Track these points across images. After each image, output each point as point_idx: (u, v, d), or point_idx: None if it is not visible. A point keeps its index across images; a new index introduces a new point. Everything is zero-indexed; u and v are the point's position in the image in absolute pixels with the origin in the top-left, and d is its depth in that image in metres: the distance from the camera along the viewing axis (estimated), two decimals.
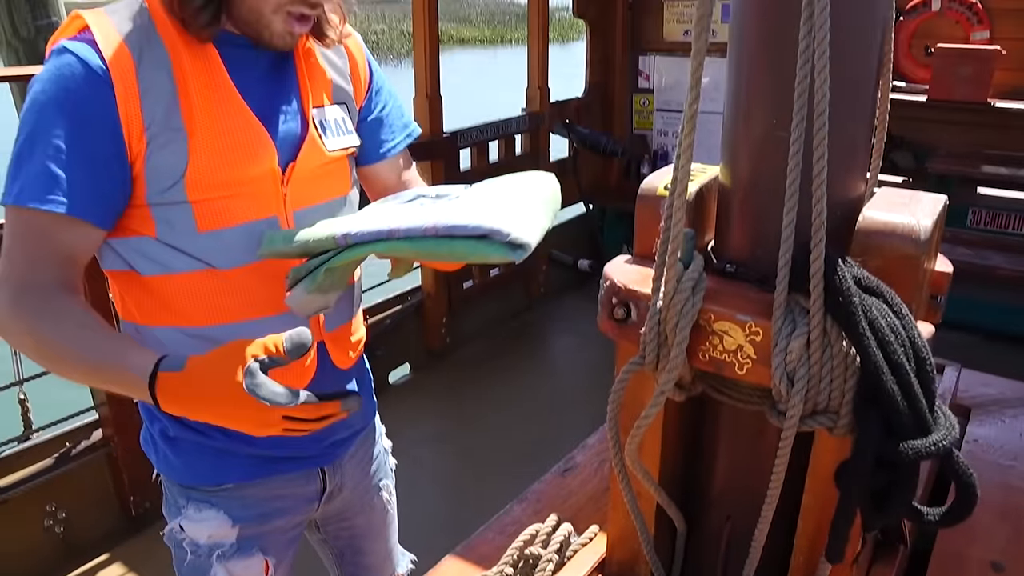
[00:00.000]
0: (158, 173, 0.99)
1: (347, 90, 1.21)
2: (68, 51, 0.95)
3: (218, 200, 1.03)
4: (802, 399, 0.80)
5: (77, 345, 0.95)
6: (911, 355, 0.74)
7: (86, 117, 0.95)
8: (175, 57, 1.00)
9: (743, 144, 0.91)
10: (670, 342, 0.87)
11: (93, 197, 0.96)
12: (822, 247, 0.77)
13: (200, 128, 1.00)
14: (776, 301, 0.81)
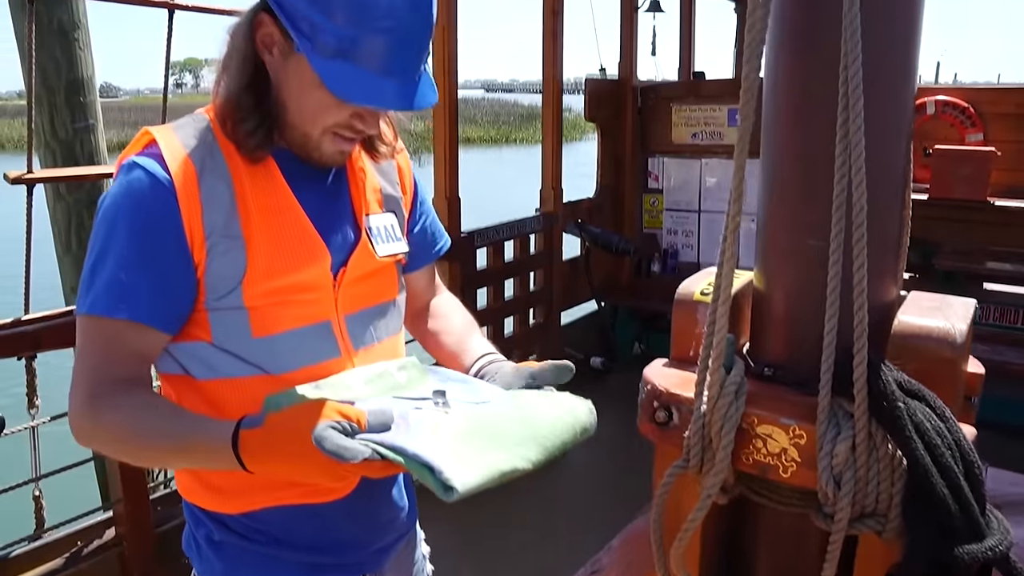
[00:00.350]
0: (217, 279, 1.03)
1: (397, 198, 1.25)
2: (137, 166, 1.01)
3: (273, 306, 1.05)
4: (850, 502, 0.81)
5: (156, 426, 0.98)
6: (958, 458, 0.76)
7: (153, 228, 1.00)
8: (234, 168, 1.05)
9: (777, 251, 0.95)
10: (715, 445, 0.89)
11: (160, 304, 1.01)
12: (864, 352, 0.79)
13: (257, 236, 1.04)
14: (820, 405, 0.83)
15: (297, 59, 1.01)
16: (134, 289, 0.99)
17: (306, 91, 1.03)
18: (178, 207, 1.00)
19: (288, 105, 1.05)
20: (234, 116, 1.04)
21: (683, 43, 4.84)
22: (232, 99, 1.05)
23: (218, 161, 1.04)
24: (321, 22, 0.96)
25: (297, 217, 1.08)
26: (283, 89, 1.05)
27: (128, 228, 1.00)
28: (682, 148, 4.28)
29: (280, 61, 1.04)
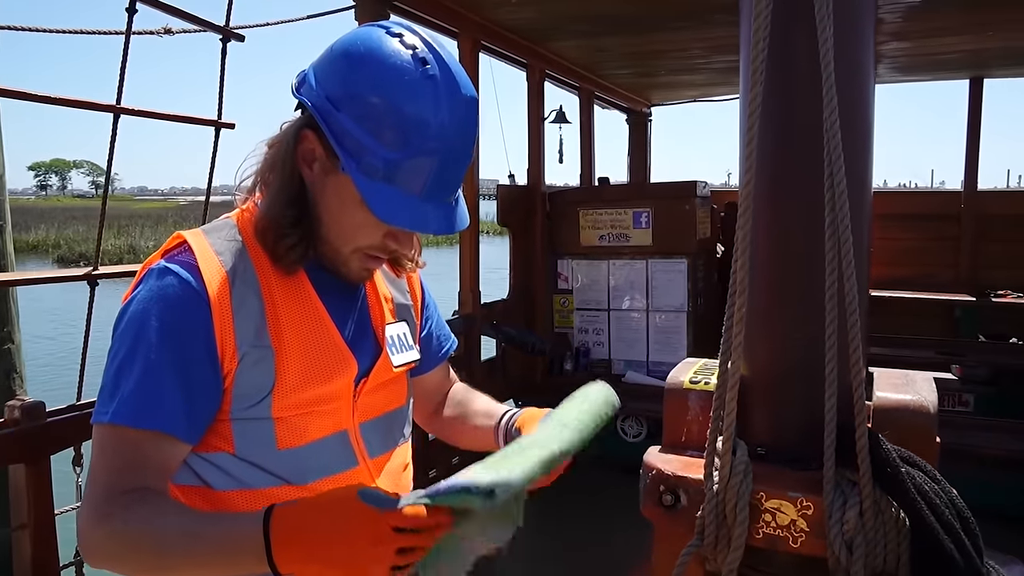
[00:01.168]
0: (245, 390, 1.00)
1: (408, 306, 1.26)
2: (170, 271, 0.99)
3: (299, 417, 1.03)
4: (863, 565, 0.88)
5: (177, 529, 0.92)
6: (955, 515, 0.85)
7: (185, 336, 0.97)
8: (264, 279, 1.03)
9: (763, 342, 1.05)
10: (730, 522, 0.95)
11: (185, 415, 0.97)
12: (864, 427, 0.89)
13: (288, 347, 1.02)
14: (825, 477, 0.92)
15: (339, 177, 1.01)
16: (163, 399, 0.95)
17: (346, 210, 1.02)
18: (211, 316, 0.98)
19: (324, 220, 1.05)
20: (276, 231, 1.03)
21: (584, 151, 5.16)
22: (275, 214, 1.03)
23: (249, 271, 1.03)
24: (369, 144, 0.96)
25: (327, 329, 1.07)
26: (320, 205, 1.04)
27: (159, 335, 0.96)
28: (590, 250, 4.48)
29: (320, 177, 1.03)
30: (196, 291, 0.98)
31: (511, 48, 3.94)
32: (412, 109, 0.96)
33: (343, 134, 0.97)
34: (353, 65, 0.99)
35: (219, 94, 2.16)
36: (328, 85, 1.00)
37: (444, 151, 0.98)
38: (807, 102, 0.94)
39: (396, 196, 0.98)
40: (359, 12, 2.86)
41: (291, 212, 1.03)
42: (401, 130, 0.96)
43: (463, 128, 0.99)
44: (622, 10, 3.48)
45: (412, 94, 0.96)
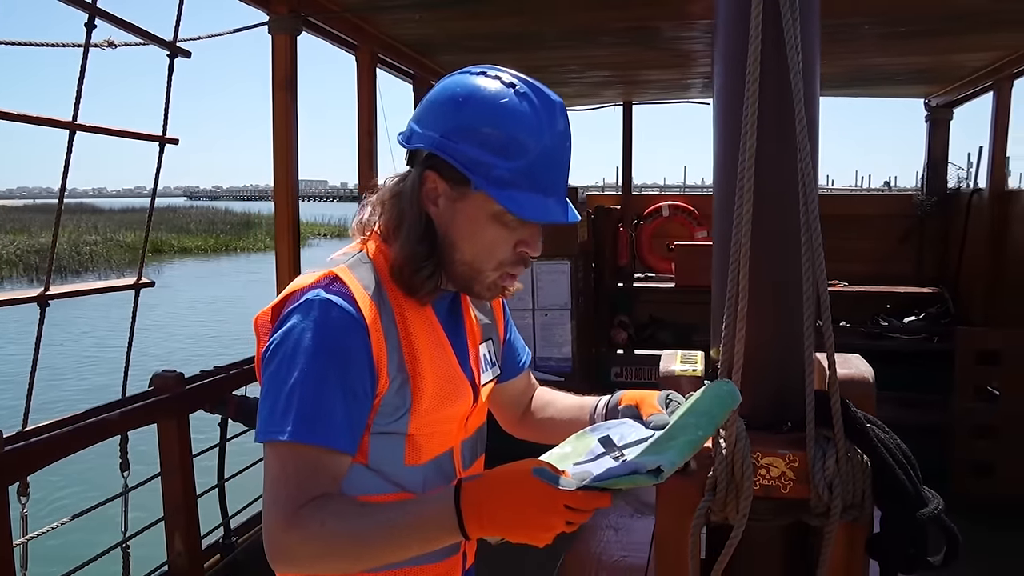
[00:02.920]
0: (388, 409, 1.12)
1: (492, 325, 1.39)
2: (332, 303, 1.07)
3: (425, 436, 1.15)
4: (840, 500, 1.16)
5: (372, 520, 1.02)
6: (904, 456, 1.15)
7: (352, 361, 1.07)
8: (398, 309, 1.14)
9: (734, 331, 1.31)
10: (739, 477, 1.20)
11: (350, 430, 1.07)
12: (838, 395, 1.17)
13: (421, 373, 1.14)
14: (808, 435, 1.19)
15: (468, 201, 1.13)
16: (334, 417, 1.04)
17: (479, 228, 1.14)
18: (370, 343, 1.08)
19: (459, 245, 1.15)
20: (412, 266, 1.13)
21: None
22: (409, 252, 1.13)
23: (386, 302, 1.13)
24: (493, 161, 1.09)
25: (448, 357, 1.20)
26: (453, 232, 1.15)
27: (328, 358, 1.04)
28: None
29: (448, 208, 1.15)
30: (357, 320, 1.07)
31: (404, 61, 4.09)
32: (519, 123, 1.11)
33: (468, 160, 1.10)
34: (460, 103, 1.13)
35: (164, 110, 2.18)
36: (440, 126, 1.13)
37: (553, 150, 1.14)
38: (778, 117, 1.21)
39: (526, 197, 1.11)
40: (272, 27, 2.92)
41: (423, 248, 1.14)
42: (516, 142, 1.10)
43: (562, 131, 1.15)
44: (514, 29, 3.72)
45: (515, 112, 1.11)
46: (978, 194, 4.87)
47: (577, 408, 1.43)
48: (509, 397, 1.49)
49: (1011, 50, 4.14)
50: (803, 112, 1.19)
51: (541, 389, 1.55)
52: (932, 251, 5.33)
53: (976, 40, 3.97)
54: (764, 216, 1.24)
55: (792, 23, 1.20)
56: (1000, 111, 4.57)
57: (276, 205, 2.98)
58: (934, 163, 5.56)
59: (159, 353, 9.57)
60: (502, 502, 0.98)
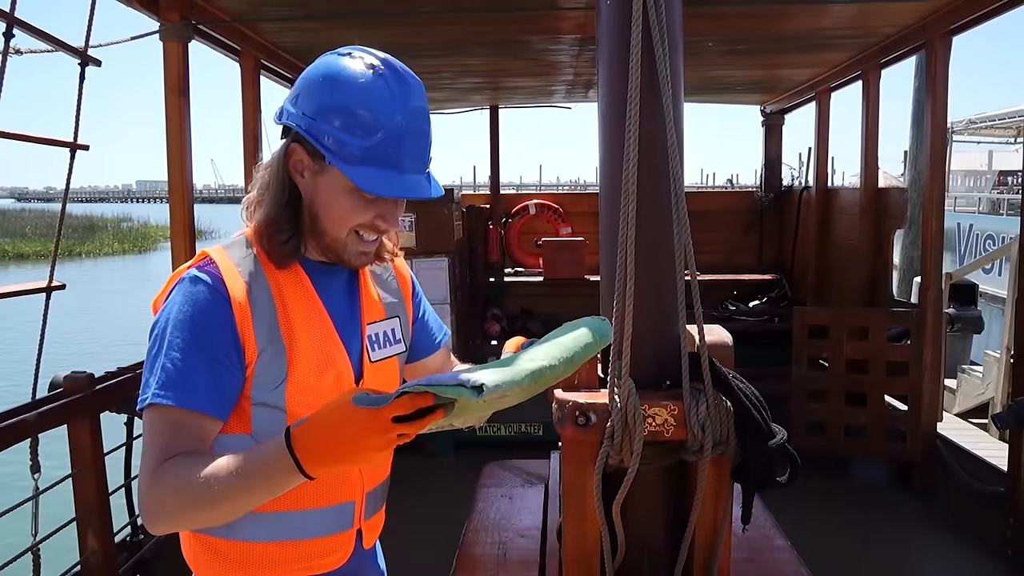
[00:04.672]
0: (264, 379, 1.20)
1: (399, 304, 1.47)
2: (199, 279, 1.18)
3: (306, 409, 1.11)
4: (711, 439, 1.48)
5: (219, 468, 1.06)
6: (757, 400, 1.48)
7: (212, 329, 1.16)
8: (272, 280, 1.23)
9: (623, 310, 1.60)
10: (632, 425, 1.49)
11: (215, 393, 1.15)
12: (707, 356, 1.48)
13: (296, 343, 1.22)
14: (684, 388, 1.50)
15: (327, 174, 1.21)
16: (196, 381, 1.13)
17: (336, 198, 1.22)
18: (233, 317, 1.17)
19: (320, 214, 1.24)
20: (270, 230, 1.23)
21: None
22: (271, 217, 1.23)
23: (260, 275, 1.22)
24: (346, 139, 1.17)
25: (327, 329, 1.27)
26: (315, 202, 1.24)
27: (191, 328, 1.14)
28: None
29: (311, 180, 1.23)
30: (220, 292, 1.17)
31: (286, 67, 4.18)
32: (371, 103, 1.18)
33: (324, 137, 1.18)
34: (319, 84, 1.21)
35: (76, 117, 2.22)
36: (303, 105, 1.21)
37: (405, 130, 1.20)
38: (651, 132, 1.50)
39: (377, 173, 1.18)
40: (164, 34, 2.98)
41: (286, 213, 1.23)
42: (367, 121, 1.18)
43: (416, 108, 1.22)
44: (392, 39, 3.91)
45: (369, 91, 1.18)
46: (807, 191, 5.53)
47: None
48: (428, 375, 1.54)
49: (828, 67, 4.77)
50: (672, 125, 1.50)
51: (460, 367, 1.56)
52: (771, 242, 5.96)
53: (800, 58, 4.54)
54: (643, 215, 1.54)
55: (663, 54, 1.50)
56: (821, 119, 5.22)
57: (172, 208, 3.05)
58: (770, 163, 6.21)
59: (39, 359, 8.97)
60: (332, 439, 1.01)
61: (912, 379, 3.83)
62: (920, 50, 3.94)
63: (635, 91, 1.48)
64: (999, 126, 15.81)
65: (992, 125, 16.39)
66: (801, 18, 3.69)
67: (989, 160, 19.81)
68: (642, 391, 1.57)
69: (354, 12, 3.39)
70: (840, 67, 4.71)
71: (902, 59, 4.28)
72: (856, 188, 4.84)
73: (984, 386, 5.14)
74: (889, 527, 3.67)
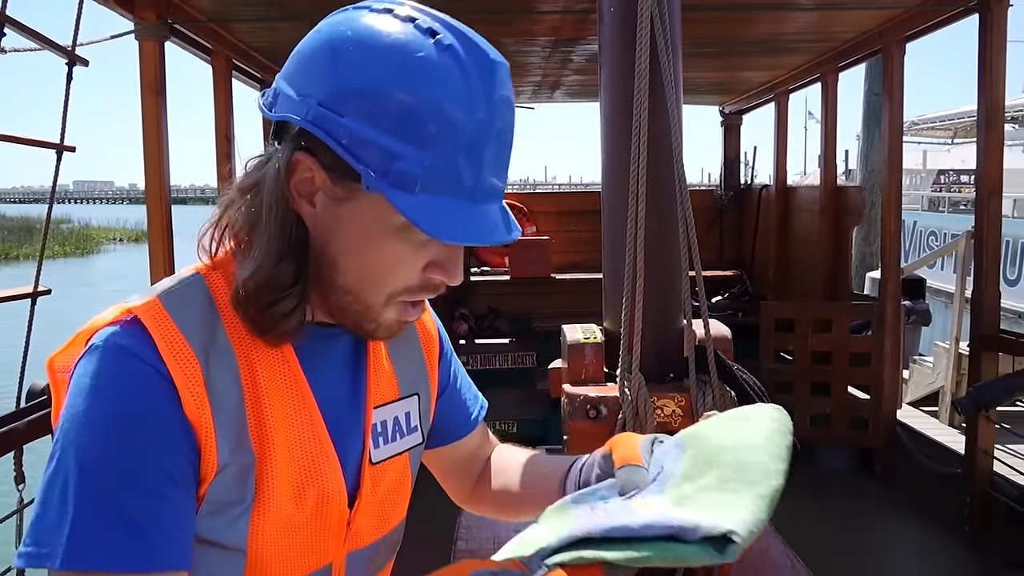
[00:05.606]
0: (219, 506, 0.76)
1: (421, 374, 1.00)
2: (123, 349, 0.72)
3: (277, 552, 0.80)
4: None
5: None
6: (760, 389, 1.56)
7: (154, 431, 0.72)
8: (242, 355, 0.78)
9: (633, 305, 1.67)
10: (643, 416, 1.56)
11: (169, 537, 0.72)
12: (712, 349, 1.56)
13: (272, 453, 0.78)
14: (691, 380, 1.57)
15: (358, 204, 0.75)
16: (143, 524, 0.70)
17: (373, 245, 0.77)
18: (181, 405, 0.73)
19: (342, 266, 0.79)
20: (268, 295, 0.76)
21: None
22: (266, 275, 0.76)
23: (224, 346, 0.77)
24: (395, 148, 0.71)
25: (314, 426, 0.82)
26: (334, 247, 0.78)
27: (115, 433, 0.71)
28: None
29: (329, 211, 0.77)
30: (159, 373, 0.73)
31: (255, 67, 4.16)
32: (441, 90, 0.73)
33: (359, 144, 0.72)
34: (348, 56, 0.74)
35: (63, 118, 2.19)
36: (318, 90, 0.74)
37: (487, 134, 0.75)
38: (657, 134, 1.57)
39: (446, 206, 0.73)
40: (140, 33, 2.95)
41: (286, 268, 0.77)
42: (432, 120, 0.72)
43: (502, 100, 0.76)
44: None
45: (433, 73, 0.73)
46: (766, 189, 5.69)
47: (545, 471, 1.03)
48: (456, 463, 1.11)
49: (788, 70, 4.92)
50: (677, 126, 1.57)
51: (501, 448, 1.16)
52: (731, 239, 6.12)
53: (762, 61, 4.68)
54: (649, 213, 1.60)
55: (668, 57, 1.56)
56: (780, 119, 5.38)
57: (149, 209, 3.02)
58: (728, 162, 6.38)
59: None
60: None
61: (874, 369, 4.00)
62: (877, 55, 4.11)
63: (642, 93, 1.54)
64: (939, 127, 16.44)
65: (932, 127, 17.07)
66: (766, 23, 3.82)
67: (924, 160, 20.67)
68: (649, 384, 1.64)
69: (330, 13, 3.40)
70: (799, 70, 4.87)
71: (859, 63, 4.45)
72: (815, 186, 5.00)
73: (935, 375, 5.36)
74: (854, 511, 3.83)
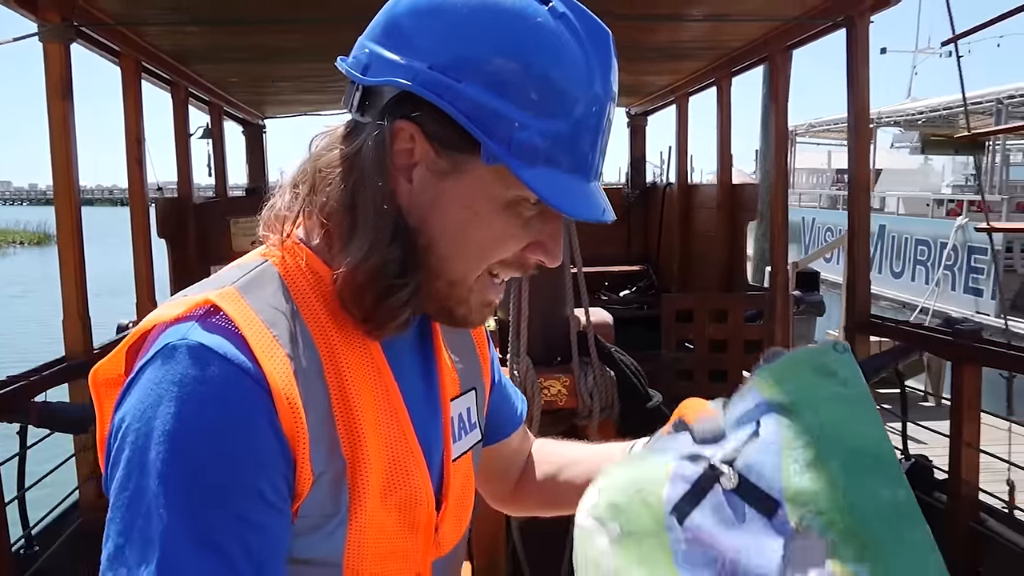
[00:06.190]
0: (312, 520, 0.69)
1: (475, 367, 0.95)
2: (209, 352, 0.64)
3: (375, 562, 0.74)
4: (599, 405, 1.73)
5: None
6: (635, 368, 1.75)
7: (253, 449, 0.64)
8: (327, 355, 0.72)
9: (520, 296, 1.83)
10: (531, 395, 1.72)
11: (274, 568, 0.66)
12: (592, 333, 1.73)
13: (365, 460, 0.71)
14: (574, 362, 1.75)
15: (465, 177, 0.71)
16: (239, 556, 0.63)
17: (481, 221, 0.72)
18: (277, 416, 0.65)
19: (440, 248, 0.73)
20: (383, 283, 0.71)
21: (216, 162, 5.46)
22: (380, 261, 0.70)
23: (305, 340, 0.70)
24: (519, 117, 0.68)
25: (402, 426, 0.77)
26: (434, 225, 0.72)
27: (207, 454, 0.63)
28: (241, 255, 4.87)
29: (430, 185, 0.72)
30: (255, 378, 0.65)
31: (165, 69, 4.16)
32: (557, 60, 0.69)
33: (480, 112, 0.68)
34: (464, 19, 0.69)
35: None
36: (431, 52, 0.69)
37: (603, 108, 0.73)
38: None
39: (566, 181, 0.70)
40: (45, 35, 2.95)
41: (397, 252, 0.71)
42: (552, 90, 0.69)
43: (614, 77, 0.74)
44: (280, 44, 3.99)
45: (550, 41, 0.70)
46: (670, 187, 5.98)
47: (601, 455, 1.01)
48: (501, 463, 1.06)
49: (687, 74, 5.21)
50: None
51: (540, 441, 1.14)
52: (638, 235, 6.39)
53: (663, 66, 4.95)
54: None
55: None
56: (681, 120, 5.67)
57: (58, 213, 3.01)
58: (635, 161, 6.65)
59: None
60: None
61: None
62: (764, 62, 4.40)
63: None
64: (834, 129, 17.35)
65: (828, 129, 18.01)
66: (665, 31, 4.06)
67: (828, 159, 21.73)
68: (537, 366, 1.81)
69: (239, 19, 3.45)
70: (697, 74, 5.15)
71: (750, 69, 4.75)
72: (714, 184, 5.30)
73: None
74: None
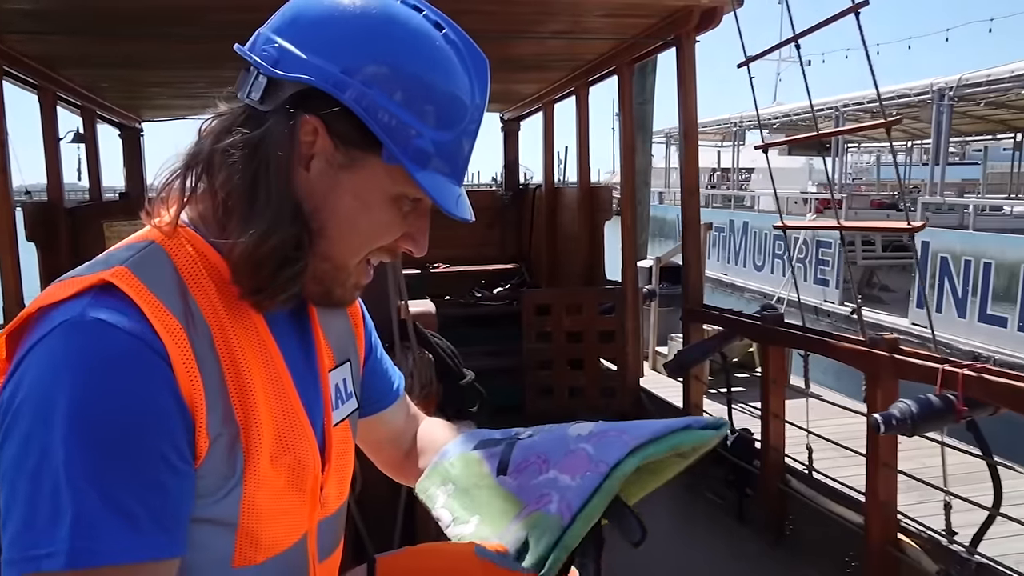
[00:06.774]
0: (209, 481, 0.74)
1: (350, 342, 1.02)
2: (107, 325, 0.68)
3: (268, 522, 0.79)
4: (419, 385, 2.01)
5: None
6: (451, 351, 2.04)
7: (153, 413, 0.68)
8: (217, 328, 0.76)
9: None
10: None
11: (181, 524, 0.71)
12: (412, 322, 2.02)
13: (257, 424, 0.77)
14: (395, 347, 2.03)
15: (359, 171, 0.79)
16: (145, 513, 0.67)
17: (370, 212, 0.81)
18: (176, 381, 0.70)
19: (330, 233, 0.80)
20: (278, 259, 0.77)
21: (91, 167, 5.45)
22: (281, 239, 0.77)
23: (196, 314, 0.75)
24: (415, 125, 0.77)
25: (286, 390, 0.83)
26: (325, 212, 0.80)
27: (109, 420, 0.66)
28: None
29: (327, 176, 0.79)
30: (152, 347, 0.69)
31: (29, 74, 4.19)
32: (450, 80, 0.80)
33: (385, 117, 0.76)
34: (377, 31, 0.77)
35: None
36: (344, 57, 0.76)
37: (478, 126, 0.84)
38: None
39: (444, 183, 0.80)
40: None
41: (295, 230, 0.78)
42: (445, 105, 0.79)
43: (487, 97, 0.85)
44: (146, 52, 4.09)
45: (445, 63, 0.80)
46: (539, 189, 6.35)
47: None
48: (388, 433, 1.17)
49: (550, 83, 5.59)
50: None
51: (428, 421, 1.24)
52: (511, 234, 6.74)
53: (529, 75, 5.30)
54: None
55: None
56: (547, 126, 6.05)
57: None
58: (509, 164, 6.99)
59: None
60: None
61: (618, 345, 4.69)
62: (614, 74, 4.81)
63: None
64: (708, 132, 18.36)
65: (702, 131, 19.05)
66: (526, 45, 4.40)
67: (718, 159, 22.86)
68: None
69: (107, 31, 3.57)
70: (559, 83, 5.53)
71: (604, 79, 5.16)
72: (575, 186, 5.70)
73: None
74: None
